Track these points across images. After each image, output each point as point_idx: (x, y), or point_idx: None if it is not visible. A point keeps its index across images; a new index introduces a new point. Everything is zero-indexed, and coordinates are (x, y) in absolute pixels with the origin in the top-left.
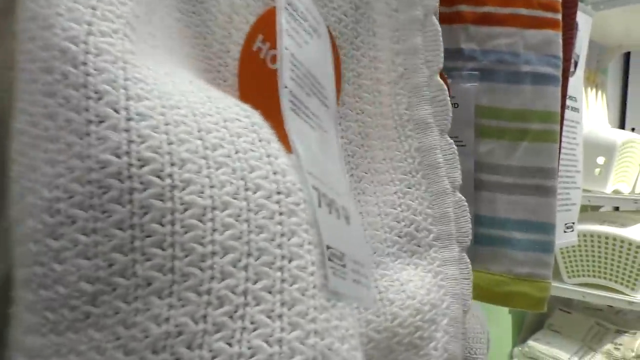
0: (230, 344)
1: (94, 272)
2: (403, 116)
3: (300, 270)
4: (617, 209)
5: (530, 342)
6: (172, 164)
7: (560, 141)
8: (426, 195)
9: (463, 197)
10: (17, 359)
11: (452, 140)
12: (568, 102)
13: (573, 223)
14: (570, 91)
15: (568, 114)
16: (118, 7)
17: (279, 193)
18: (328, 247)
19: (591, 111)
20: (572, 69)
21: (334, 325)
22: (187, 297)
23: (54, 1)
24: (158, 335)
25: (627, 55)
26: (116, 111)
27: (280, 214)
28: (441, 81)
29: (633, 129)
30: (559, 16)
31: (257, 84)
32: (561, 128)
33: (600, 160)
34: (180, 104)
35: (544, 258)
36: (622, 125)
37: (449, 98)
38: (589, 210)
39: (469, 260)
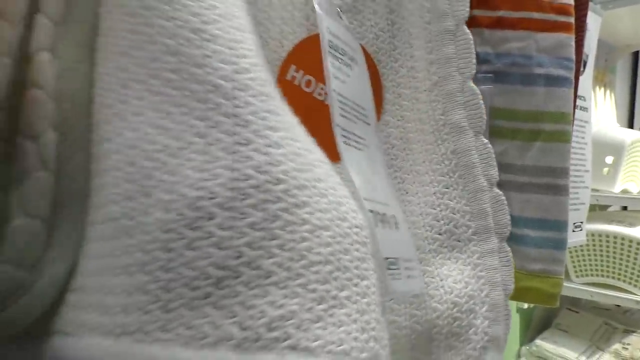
0: (322, 336)
1: (224, 261)
2: (439, 121)
3: (367, 288)
4: (625, 208)
5: (538, 341)
6: (296, 187)
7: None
8: (463, 193)
9: (500, 192)
10: (90, 338)
11: (487, 141)
12: (578, 102)
13: (582, 222)
14: (579, 90)
15: (577, 113)
16: (249, 43)
17: (356, 227)
18: (386, 259)
19: (600, 110)
20: (581, 69)
21: (382, 335)
22: (297, 292)
23: (197, 43)
24: (274, 317)
25: (636, 55)
26: (259, 137)
27: (357, 242)
28: (474, 86)
29: None
30: (572, 20)
31: (292, 106)
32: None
33: (609, 159)
34: (298, 137)
35: (557, 255)
36: (630, 125)
37: (482, 102)
38: (597, 210)
39: (509, 248)
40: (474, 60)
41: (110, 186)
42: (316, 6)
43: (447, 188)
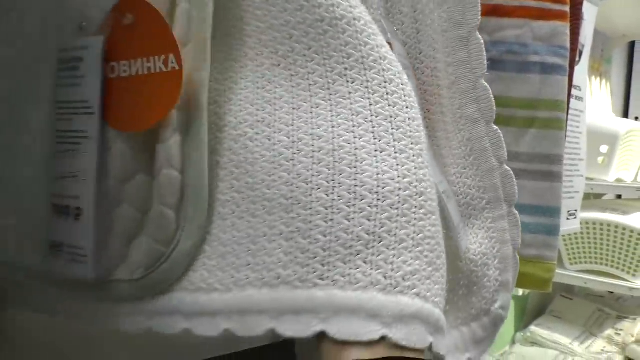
0: (430, 289)
1: (372, 229)
2: (456, 114)
3: (444, 259)
4: (619, 197)
5: (532, 328)
6: (417, 180)
7: (565, 129)
8: (478, 172)
9: (508, 168)
10: (247, 290)
11: (497, 128)
12: (573, 92)
13: (576, 210)
14: (575, 80)
15: (572, 102)
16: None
17: (432, 213)
18: (457, 227)
19: (595, 100)
20: (577, 59)
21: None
22: (418, 256)
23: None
24: (407, 272)
25: (632, 45)
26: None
27: (440, 226)
28: (485, 83)
29: (637, 118)
30: (567, 8)
31: None
32: (567, 117)
33: (604, 148)
34: (421, 141)
35: (550, 241)
36: (625, 114)
37: (492, 96)
38: (592, 198)
39: (516, 212)
40: (485, 62)
41: (262, 175)
42: (390, 35)
43: (464, 169)
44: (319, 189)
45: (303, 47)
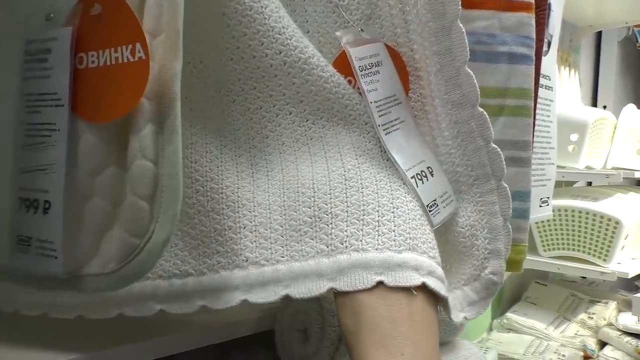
0: (370, 241)
1: (313, 213)
2: (443, 99)
3: (426, 230)
4: (590, 184)
5: (509, 314)
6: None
7: (535, 117)
8: (465, 152)
9: (495, 146)
10: (247, 269)
11: (482, 110)
12: (542, 81)
13: (548, 197)
14: (544, 70)
15: (542, 92)
16: None
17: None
18: (427, 206)
19: (564, 90)
20: (545, 49)
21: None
22: (354, 222)
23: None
24: (343, 237)
25: (599, 35)
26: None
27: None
28: (468, 70)
29: (605, 107)
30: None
31: None
32: (535, 105)
33: (574, 137)
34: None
35: (521, 223)
36: (594, 103)
37: (475, 81)
38: (564, 186)
39: (506, 185)
40: (467, 50)
41: (227, 182)
42: (344, 45)
43: (452, 150)
44: (273, 194)
45: None
